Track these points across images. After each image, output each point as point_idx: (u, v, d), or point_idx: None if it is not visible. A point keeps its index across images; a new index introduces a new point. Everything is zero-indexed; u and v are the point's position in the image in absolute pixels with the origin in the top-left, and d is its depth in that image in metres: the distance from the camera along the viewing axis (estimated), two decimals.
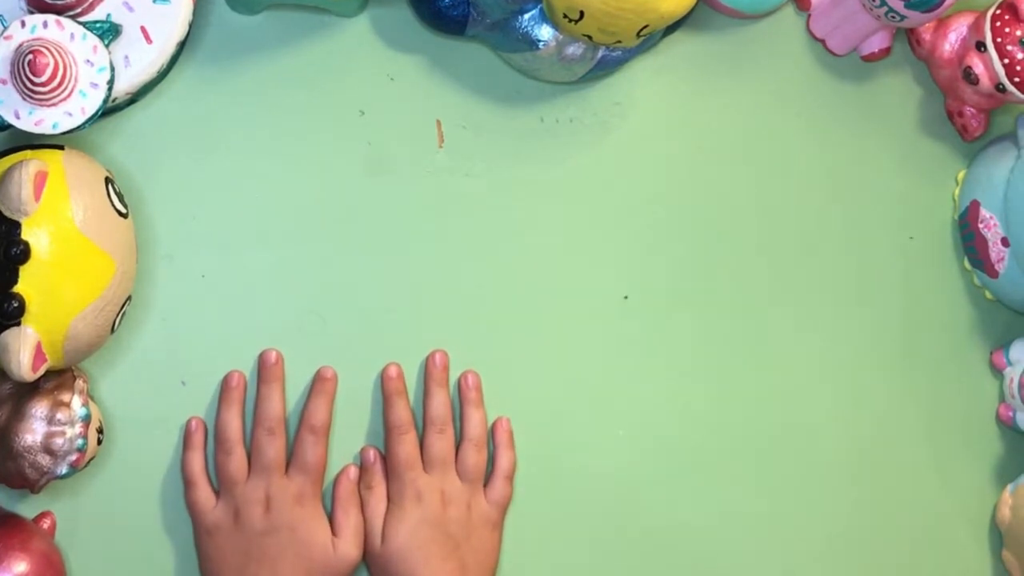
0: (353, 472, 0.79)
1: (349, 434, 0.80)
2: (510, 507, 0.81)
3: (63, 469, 0.71)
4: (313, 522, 0.76)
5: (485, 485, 0.80)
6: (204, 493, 0.77)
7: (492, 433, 0.81)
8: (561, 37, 0.77)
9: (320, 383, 0.79)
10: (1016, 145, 0.85)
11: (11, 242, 0.67)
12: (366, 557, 0.78)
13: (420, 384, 0.81)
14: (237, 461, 0.77)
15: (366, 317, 0.81)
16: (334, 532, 0.77)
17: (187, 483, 0.77)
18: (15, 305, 0.67)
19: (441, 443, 0.79)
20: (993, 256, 0.86)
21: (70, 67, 0.69)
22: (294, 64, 0.80)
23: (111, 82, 0.71)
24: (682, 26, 0.83)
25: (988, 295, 0.89)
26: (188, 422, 0.78)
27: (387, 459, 0.79)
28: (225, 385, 0.78)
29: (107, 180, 0.72)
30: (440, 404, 0.80)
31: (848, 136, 0.88)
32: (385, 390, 0.80)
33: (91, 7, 0.72)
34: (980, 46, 0.81)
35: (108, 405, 0.77)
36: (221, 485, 0.77)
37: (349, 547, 0.76)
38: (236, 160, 0.79)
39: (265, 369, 0.78)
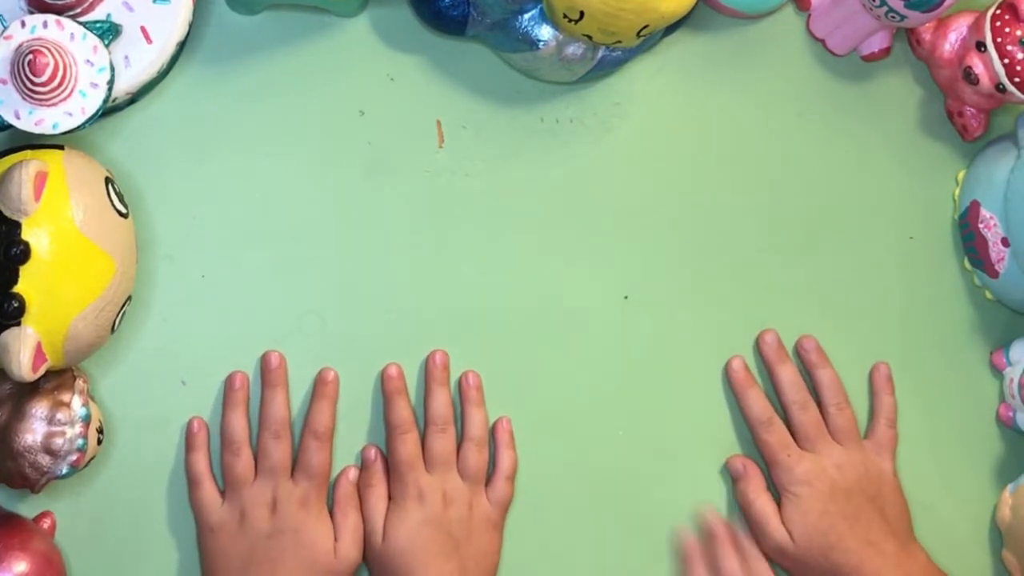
0: (353, 474, 0.79)
1: (351, 433, 0.80)
2: (509, 507, 0.81)
3: (63, 469, 0.71)
4: (317, 526, 0.76)
5: (486, 485, 0.80)
6: (210, 492, 0.77)
7: (492, 433, 0.81)
8: (561, 37, 0.77)
9: (322, 386, 0.79)
10: (1016, 145, 0.85)
11: (11, 242, 0.67)
12: (366, 556, 0.78)
13: (421, 384, 0.81)
14: (244, 462, 0.77)
15: (366, 317, 0.81)
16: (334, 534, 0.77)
17: (192, 482, 0.77)
18: (15, 305, 0.67)
19: (442, 442, 0.79)
20: (993, 256, 0.86)
21: (70, 67, 0.69)
22: (294, 64, 0.80)
23: (111, 82, 0.71)
24: (682, 26, 0.83)
25: (988, 295, 0.89)
26: (190, 423, 0.78)
27: (389, 459, 0.79)
28: (228, 386, 0.78)
29: (107, 180, 0.72)
30: (441, 404, 0.80)
31: (848, 136, 0.88)
32: (385, 390, 0.80)
33: (91, 7, 0.72)
34: (980, 46, 0.81)
35: (108, 405, 0.77)
36: (227, 485, 0.77)
37: (348, 548, 0.76)
38: (236, 160, 0.79)
39: (269, 373, 0.78)
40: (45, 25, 0.69)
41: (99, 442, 0.74)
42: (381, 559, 0.77)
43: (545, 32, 0.77)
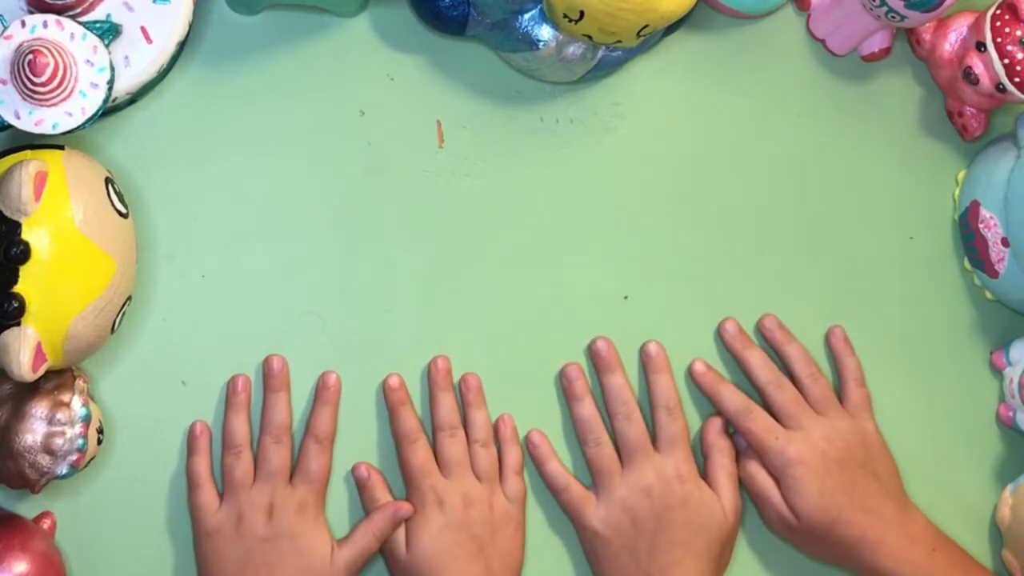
0: (404, 511, 0.77)
1: (350, 435, 0.80)
2: (526, 502, 0.81)
3: (63, 469, 0.71)
4: (314, 531, 0.76)
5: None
6: (209, 495, 0.77)
7: (496, 432, 0.81)
8: (561, 37, 0.77)
9: (324, 391, 0.79)
10: (1016, 145, 0.85)
11: (11, 242, 0.67)
12: (390, 565, 0.78)
13: (422, 386, 0.81)
14: (244, 465, 0.77)
15: (366, 317, 0.81)
16: (346, 537, 0.77)
17: (192, 485, 0.77)
18: (15, 305, 0.67)
19: (454, 446, 0.79)
20: (993, 256, 0.86)
21: (70, 67, 0.69)
22: (294, 64, 0.80)
23: (111, 82, 0.71)
24: (682, 26, 0.83)
25: (988, 295, 0.89)
26: (193, 426, 0.78)
27: (402, 469, 0.79)
28: (231, 390, 0.78)
29: (107, 180, 0.72)
30: (447, 409, 0.80)
31: (848, 136, 0.88)
32: (389, 402, 0.80)
33: (91, 7, 0.72)
34: (980, 46, 0.81)
35: (108, 405, 0.77)
36: (226, 488, 0.77)
37: (339, 563, 0.76)
38: (236, 160, 0.79)
39: (271, 377, 0.78)
40: (45, 25, 0.69)
41: (99, 442, 0.74)
42: (406, 569, 0.77)
43: (545, 32, 0.77)
